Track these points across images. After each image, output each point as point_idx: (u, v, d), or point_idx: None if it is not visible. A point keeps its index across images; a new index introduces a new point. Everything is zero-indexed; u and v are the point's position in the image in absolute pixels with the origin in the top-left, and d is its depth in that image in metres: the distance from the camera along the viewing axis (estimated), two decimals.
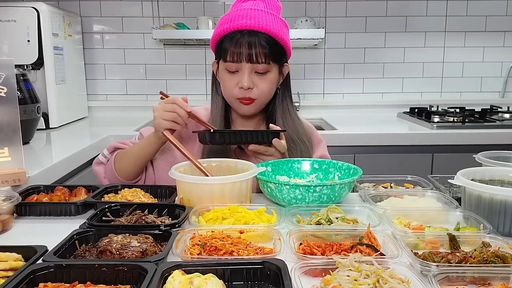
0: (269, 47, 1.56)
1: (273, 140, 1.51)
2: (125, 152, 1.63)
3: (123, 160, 1.61)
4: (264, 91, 1.61)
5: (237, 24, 1.56)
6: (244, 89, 1.58)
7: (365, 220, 1.22)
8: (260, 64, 1.57)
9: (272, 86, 1.64)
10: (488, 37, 3.56)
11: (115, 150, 1.68)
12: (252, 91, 1.60)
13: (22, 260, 0.98)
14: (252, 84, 1.58)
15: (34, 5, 2.65)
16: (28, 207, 1.31)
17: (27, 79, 2.41)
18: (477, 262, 0.94)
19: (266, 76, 1.60)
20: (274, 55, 1.58)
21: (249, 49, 1.55)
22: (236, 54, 1.56)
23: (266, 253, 1.01)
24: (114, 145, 1.70)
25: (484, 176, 1.37)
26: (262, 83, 1.60)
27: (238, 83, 1.59)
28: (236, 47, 1.55)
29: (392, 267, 0.92)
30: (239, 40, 1.55)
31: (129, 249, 0.98)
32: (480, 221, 1.14)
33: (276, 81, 1.65)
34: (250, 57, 1.55)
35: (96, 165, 1.70)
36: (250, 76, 1.58)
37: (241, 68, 1.58)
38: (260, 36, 1.55)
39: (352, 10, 3.50)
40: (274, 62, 1.60)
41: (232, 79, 1.60)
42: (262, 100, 1.65)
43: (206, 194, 1.29)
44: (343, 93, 3.65)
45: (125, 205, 1.27)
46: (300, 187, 1.30)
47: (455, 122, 2.98)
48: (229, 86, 1.61)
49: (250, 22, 1.55)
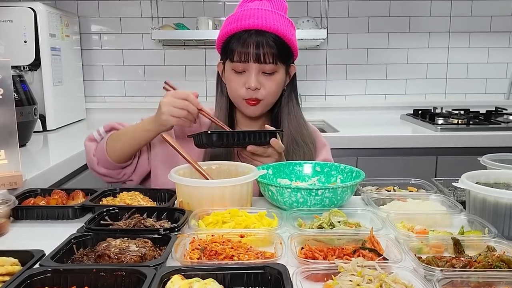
0: (276, 47, 1.57)
1: (271, 140, 1.51)
2: (119, 134, 1.61)
3: (116, 141, 1.59)
4: (271, 92, 1.62)
5: (245, 24, 1.56)
6: (251, 90, 1.58)
7: (368, 224, 1.22)
8: (267, 65, 1.57)
9: (279, 87, 1.65)
10: (493, 37, 3.56)
11: (111, 130, 1.67)
12: (259, 92, 1.60)
13: (18, 265, 0.98)
14: (259, 84, 1.59)
15: (31, 5, 2.65)
16: (25, 210, 1.32)
17: (23, 80, 2.41)
18: (482, 266, 0.94)
19: (273, 77, 1.61)
20: (281, 56, 1.59)
21: (257, 49, 1.55)
22: (243, 54, 1.56)
23: (267, 257, 1.01)
24: (111, 124, 1.68)
25: (489, 179, 1.37)
26: (269, 84, 1.60)
27: (245, 84, 1.59)
28: (244, 47, 1.56)
29: (395, 272, 0.92)
30: (246, 40, 1.56)
31: (128, 253, 0.98)
32: (485, 225, 1.14)
33: (283, 81, 1.66)
34: (258, 57, 1.56)
35: (88, 141, 1.67)
36: (257, 76, 1.58)
37: (248, 68, 1.58)
38: (267, 36, 1.56)
39: (355, 10, 3.51)
40: (281, 63, 1.61)
41: (239, 80, 1.60)
42: (269, 101, 1.65)
43: (206, 197, 1.29)
44: (345, 95, 3.65)
45: (123, 209, 1.27)
46: (301, 190, 1.30)
47: (459, 124, 2.98)
48: (235, 87, 1.62)
49: (258, 22, 1.56)
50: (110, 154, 1.59)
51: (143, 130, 1.56)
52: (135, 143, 1.58)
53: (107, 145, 1.60)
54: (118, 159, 1.60)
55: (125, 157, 1.60)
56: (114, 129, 1.67)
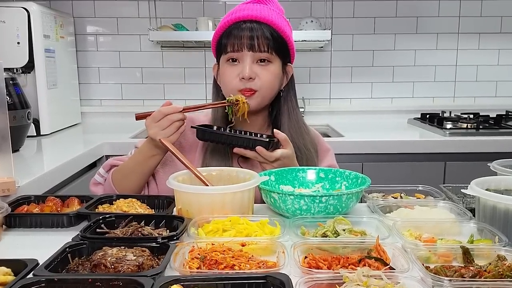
0: (272, 38, 1.58)
1: (257, 148, 1.51)
2: (123, 171, 1.62)
3: (124, 178, 1.61)
4: (267, 82, 1.61)
5: (239, 15, 1.59)
6: (245, 79, 1.59)
7: (374, 232, 1.22)
8: (262, 53, 1.58)
9: (275, 79, 1.64)
10: (504, 38, 3.57)
11: (111, 168, 1.69)
12: (254, 82, 1.60)
13: (11, 275, 0.98)
14: (254, 74, 1.59)
15: (24, 5, 2.67)
16: (18, 218, 1.32)
17: (16, 83, 2.42)
18: (492, 276, 0.94)
19: (268, 67, 1.61)
20: (277, 47, 1.60)
21: (251, 37, 1.57)
22: (237, 43, 1.58)
23: (269, 267, 1.01)
24: (110, 162, 1.71)
25: (500, 185, 1.37)
26: (265, 74, 1.61)
27: (239, 74, 1.59)
28: (236, 37, 1.58)
29: (402, 282, 0.92)
30: (240, 27, 1.58)
31: (125, 262, 0.99)
32: (495, 233, 1.14)
33: (279, 75, 1.65)
34: (252, 46, 1.57)
35: (93, 186, 1.70)
36: (252, 65, 1.59)
37: (242, 58, 1.59)
38: (263, 26, 1.58)
39: (360, 10, 3.52)
40: (276, 54, 1.61)
41: (233, 71, 1.61)
42: (264, 93, 1.63)
43: (205, 204, 1.29)
44: (351, 98, 3.65)
45: (120, 217, 1.27)
46: (305, 197, 1.30)
47: (468, 128, 2.98)
48: (229, 79, 1.62)
49: (253, 13, 1.59)
50: (122, 192, 1.60)
51: (149, 157, 1.58)
52: (145, 172, 1.62)
53: (116, 185, 1.62)
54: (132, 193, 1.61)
55: (137, 190, 1.64)
56: (114, 166, 1.69)
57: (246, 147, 1.54)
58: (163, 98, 3.53)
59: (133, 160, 1.62)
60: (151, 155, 1.58)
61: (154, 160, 1.59)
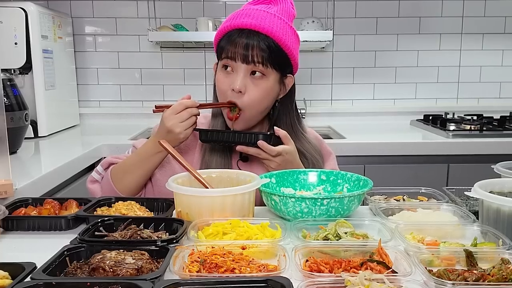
0: (269, 51, 1.55)
1: (258, 142, 1.52)
2: (124, 167, 1.63)
3: (125, 175, 1.62)
4: (254, 100, 1.58)
5: (238, 22, 1.57)
6: (235, 92, 1.57)
7: (376, 235, 1.22)
8: (256, 65, 1.55)
9: (265, 96, 1.60)
10: (508, 39, 3.57)
11: (109, 167, 1.69)
12: (242, 98, 1.57)
13: (9, 278, 0.98)
14: (244, 87, 1.56)
15: (22, 5, 2.67)
16: (16, 221, 1.32)
17: (14, 84, 2.43)
18: (496, 280, 0.94)
19: (260, 82, 1.58)
20: (274, 61, 1.57)
21: (246, 49, 1.54)
22: (231, 52, 1.56)
23: (270, 270, 1.01)
24: (109, 160, 1.71)
25: (504, 188, 1.36)
26: (254, 90, 1.58)
27: (231, 85, 1.58)
28: (232, 45, 1.56)
29: (404, 286, 0.92)
30: (236, 39, 1.56)
31: (124, 266, 0.99)
32: (499, 236, 1.14)
33: (272, 91, 1.62)
34: (246, 57, 1.54)
35: (90, 183, 1.71)
36: (244, 78, 1.57)
37: (236, 68, 1.58)
38: (260, 37, 1.54)
39: (362, 10, 3.52)
40: (273, 68, 1.58)
41: (226, 80, 1.60)
42: (248, 114, 1.61)
43: (205, 207, 1.29)
44: (353, 99, 3.65)
45: (119, 219, 1.27)
46: (306, 200, 1.30)
47: (472, 130, 2.98)
48: (221, 87, 1.61)
49: (252, 22, 1.55)
50: (121, 190, 1.61)
51: (154, 154, 1.59)
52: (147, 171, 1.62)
53: (115, 183, 1.62)
54: (130, 192, 1.63)
55: (139, 188, 1.65)
56: (112, 164, 1.69)
57: (248, 144, 1.55)
58: (163, 99, 3.54)
59: (136, 156, 1.63)
60: (156, 151, 1.58)
61: (158, 157, 1.60)
